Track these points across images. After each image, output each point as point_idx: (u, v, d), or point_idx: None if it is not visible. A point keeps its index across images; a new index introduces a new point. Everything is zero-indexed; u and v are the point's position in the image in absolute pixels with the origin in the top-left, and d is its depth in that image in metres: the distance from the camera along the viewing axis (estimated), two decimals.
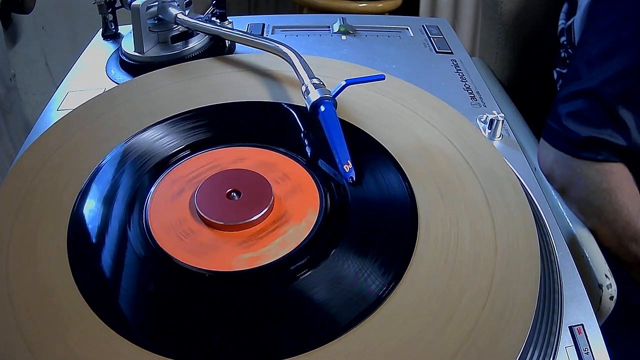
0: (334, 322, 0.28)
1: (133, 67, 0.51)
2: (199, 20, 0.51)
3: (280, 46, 0.45)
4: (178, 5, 0.52)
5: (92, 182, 0.36)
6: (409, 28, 0.64)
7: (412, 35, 0.62)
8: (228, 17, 0.58)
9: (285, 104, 0.43)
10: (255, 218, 0.33)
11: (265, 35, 0.61)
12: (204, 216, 0.33)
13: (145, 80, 0.46)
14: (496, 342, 0.27)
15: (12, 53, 0.73)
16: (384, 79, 0.42)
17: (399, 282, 0.30)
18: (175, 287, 0.30)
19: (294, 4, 1.57)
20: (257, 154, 0.38)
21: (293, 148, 0.39)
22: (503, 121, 0.46)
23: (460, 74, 0.54)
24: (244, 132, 0.40)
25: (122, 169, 0.37)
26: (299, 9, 1.55)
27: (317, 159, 0.38)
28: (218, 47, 0.54)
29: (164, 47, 0.52)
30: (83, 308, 0.28)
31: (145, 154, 0.38)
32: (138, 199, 0.35)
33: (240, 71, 0.47)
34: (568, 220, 0.54)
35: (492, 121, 0.46)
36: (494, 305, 0.28)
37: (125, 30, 0.58)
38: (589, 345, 0.31)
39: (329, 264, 0.31)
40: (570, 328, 0.32)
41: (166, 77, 0.46)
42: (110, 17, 0.58)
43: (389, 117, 0.41)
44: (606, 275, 0.48)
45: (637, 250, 0.52)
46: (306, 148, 0.39)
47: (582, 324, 0.32)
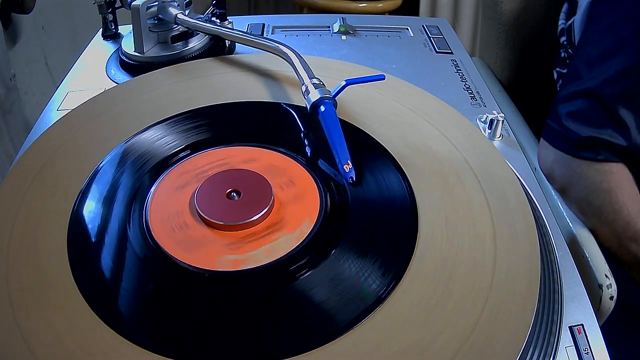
0: (334, 323, 0.28)
1: (133, 67, 0.51)
2: (199, 20, 0.51)
3: (280, 46, 0.45)
4: (178, 5, 0.52)
5: (92, 182, 0.36)
6: (409, 28, 0.64)
7: (412, 35, 0.62)
8: (228, 17, 0.58)
9: (285, 104, 0.43)
10: (254, 219, 0.33)
11: (265, 35, 0.61)
12: (203, 215, 0.33)
13: (145, 80, 0.46)
14: (496, 342, 0.27)
15: (12, 53, 0.73)
16: (384, 79, 0.42)
17: (398, 282, 0.30)
18: (175, 287, 0.30)
19: (294, 4, 1.57)
20: (268, 156, 0.38)
21: (293, 148, 0.39)
22: (503, 121, 0.46)
23: (460, 74, 0.54)
24: (244, 132, 0.40)
25: (122, 169, 0.37)
26: (299, 9, 1.55)
27: (317, 159, 0.38)
28: (218, 47, 0.54)
29: (164, 47, 0.52)
30: (83, 308, 0.28)
31: (145, 154, 0.38)
32: (138, 199, 0.35)
33: (240, 71, 0.47)
34: (568, 220, 0.54)
35: (492, 121, 0.46)
36: (493, 305, 0.28)
37: (125, 30, 0.58)
38: (589, 345, 0.31)
39: (329, 264, 0.31)
40: (570, 328, 0.32)
41: (166, 77, 0.46)
42: (110, 17, 0.58)
43: (389, 117, 0.41)
44: (606, 275, 0.48)
45: (637, 250, 0.52)
46: (306, 148, 0.39)
47: (582, 324, 0.32)
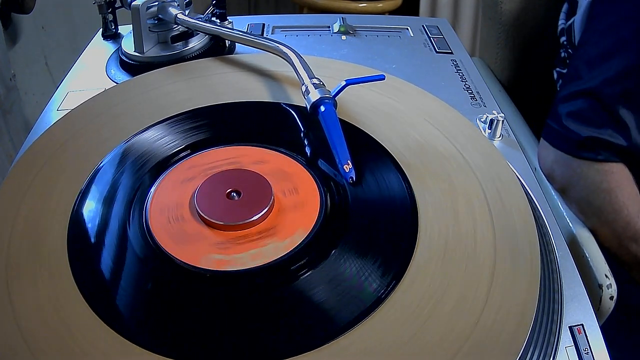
0: (334, 323, 0.28)
1: (133, 67, 0.51)
2: (199, 20, 0.51)
3: (280, 46, 0.45)
4: (178, 5, 0.52)
5: (92, 182, 0.36)
6: (409, 28, 0.64)
7: (412, 35, 0.62)
8: (228, 17, 0.58)
9: (285, 104, 0.43)
10: (253, 219, 0.33)
11: (265, 35, 0.61)
12: (202, 214, 0.33)
13: (145, 80, 0.46)
14: (496, 342, 0.27)
15: (12, 53, 0.73)
16: (384, 79, 0.42)
17: (398, 282, 0.30)
18: (176, 287, 0.30)
19: (294, 4, 1.57)
20: (279, 160, 0.38)
21: (293, 148, 0.39)
22: (503, 121, 0.46)
23: (460, 74, 0.54)
24: (244, 132, 0.40)
25: (122, 169, 0.37)
26: (299, 9, 1.55)
27: (317, 159, 0.38)
28: (218, 47, 0.54)
29: (164, 47, 0.52)
30: (83, 308, 0.28)
31: (145, 154, 0.38)
32: (138, 199, 0.35)
33: (240, 71, 0.47)
34: (568, 220, 0.54)
35: (492, 121, 0.46)
36: (493, 305, 0.28)
37: (125, 30, 0.58)
38: (589, 345, 0.31)
39: (329, 264, 0.31)
40: (570, 328, 0.32)
41: (166, 77, 0.46)
42: (110, 17, 0.58)
43: (389, 117, 0.41)
44: (606, 275, 0.48)
45: (637, 250, 0.52)
46: (306, 148, 0.39)
47: (582, 324, 0.32)
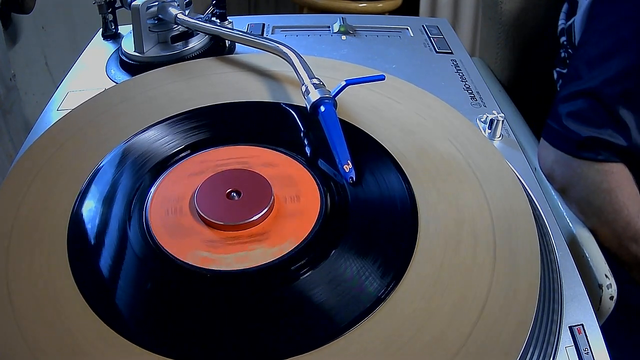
0: (334, 323, 0.28)
1: (133, 67, 0.51)
2: (199, 20, 0.51)
3: (280, 46, 0.45)
4: (178, 5, 0.52)
5: (92, 182, 0.36)
6: (409, 28, 0.64)
7: (412, 35, 0.62)
8: (228, 17, 0.58)
9: (285, 104, 0.43)
10: (251, 220, 0.33)
11: (265, 35, 0.61)
12: (200, 212, 0.33)
13: (145, 80, 0.46)
14: (496, 342, 0.27)
15: (12, 53, 0.73)
16: (384, 79, 0.42)
17: (398, 282, 0.30)
18: (176, 287, 0.30)
19: (294, 4, 1.57)
20: (288, 165, 0.37)
21: (293, 148, 0.39)
22: (503, 121, 0.46)
23: (460, 74, 0.54)
24: (244, 132, 0.40)
25: (122, 169, 0.37)
26: (299, 9, 1.55)
27: (317, 159, 0.38)
28: (218, 47, 0.54)
29: (164, 47, 0.52)
30: (83, 308, 0.28)
31: (145, 154, 0.38)
32: (138, 199, 0.35)
33: (240, 71, 0.47)
34: (568, 220, 0.54)
35: (492, 121, 0.46)
36: (493, 306, 0.28)
37: (125, 30, 0.58)
38: (589, 345, 0.31)
39: (329, 264, 0.31)
40: (570, 328, 0.32)
41: (166, 77, 0.46)
42: (110, 17, 0.58)
43: (389, 117, 0.41)
44: (606, 275, 0.48)
45: (637, 250, 0.52)
46: (306, 148, 0.39)
47: (582, 324, 0.32)
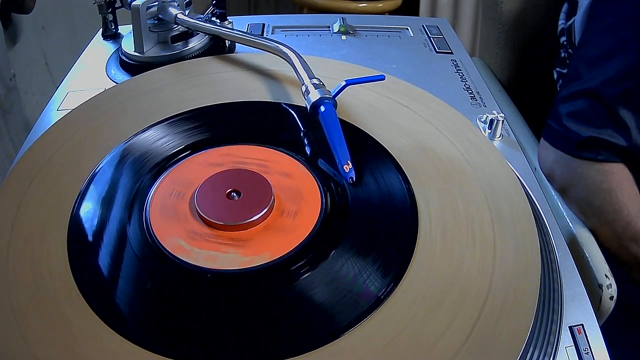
0: (334, 323, 0.28)
1: (133, 67, 0.51)
2: (199, 20, 0.51)
3: (280, 46, 0.45)
4: (178, 5, 0.52)
5: (92, 182, 0.36)
6: (409, 28, 0.64)
7: (412, 35, 0.62)
8: (228, 17, 0.58)
9: (285, 104, 0.43)
10: (252, 219, 0.33)
11: (265, 35, 0.61)
12: (202, 214, 0.33)
13: (145, 79, 0.46)
14: (496, 342, 0.27)
15: (12, 53, 0.73)
16: (384, 79, 0.42)
17: (398, 282, 0.30)
18: (176, 287, 0.30)
19: (294, 4, 1.57)
20: (304, 179, 0.36)
21: (293, 148, 0.39)
22: (503, 121, 0.46)
23: (460, 74, 0.54)
24: (244, 132, 0.40)
25: (122, 169, 0.37)
26: (299, 9, 1.55)
27: (317, 159, 0.38)
28: (218, 47, 0.54)
29: (164, 47, 0.52)
30: (83, 308, 0.28)
31: (145, 154, 0.38)
32: (138, 199, 0.35)
33: (240, 71, 0.47)
34: (568, 220, 0.54)
35: (492, 121, 0.46)
36: (493, 306, 0.28)
37: (125, 30, 0.58)
38: (589, 345, 0.31)
39: (329, 264, 0.31)
40: (570, 328, 0.32)
41: (166, 76, 0.46)
42: (110, 17, 0.58)
43: (389, 117, 0.41)
44: (606, 275, 0.48)
45: (638, 250, 0.52)
46: (306, 148, 0.39)
47: (582, 324, 0.32)
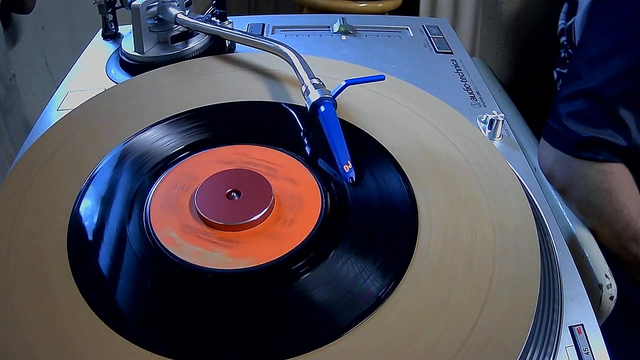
0: (334, 323, 0.28)
1: (133, 67, 0.51)
2: (199, 20, 0.51)
3: (280, 46, 0.45)
4: (178, 5, 0.52)
5: (92, 182, 0.36)
6: (409, 28, 0.64)
7: (412, 35, 0.62)
8: (228, 17, 0.57)
9: (285, 104, 0.43)
10: (246, 221, 0.33)
11: (265, 35, 0.61)
12: (200, 211, 0.33)
13: (145, 80, 0.46)
14: (496, 342, 0.27)
15: (12, 53, 0.73)
16: (384, 79, 0.42)
17: (398, 282, 0.30)
18: (176, 286, 0.30)
19: (294, 4, 1.57)
20: (309, 187, 0.36)
21: (293, 148, 0.39)
22: (503, 121, 0.46)
23: (460, 74, 0.54)
24: (244, 132, 0.40)
25: (122, 169, 0.37)
26: (299, 9, 1.55)
27: (317, 159, 0.38)
28: (218, 47, 0.54)
29: (164, 47, 0.52)
30: (83, 308, 0.28)
31: (145, 154, 0.38)
32: (137, 200, 0.35)
33: (240, 71, 0.47)
34: (568, 220, 0.54)
35: (492, 121, 0.46)
36: (493, 306, 0.28)
37: (125, 30, 0.58)
38: (589, 345, 0.31)
39: (329, 264, 0.31)
40: (570, 328, 0.32)
41: (166, 76, 0.46)
42: (110, 17, 0.58)
43: (389, 117, 0.41)
44: (606, 275, 0.48)
45: (638, 250, 0.52)
46: (306, 148, 0.39)
47: (582, 324, 0.32)
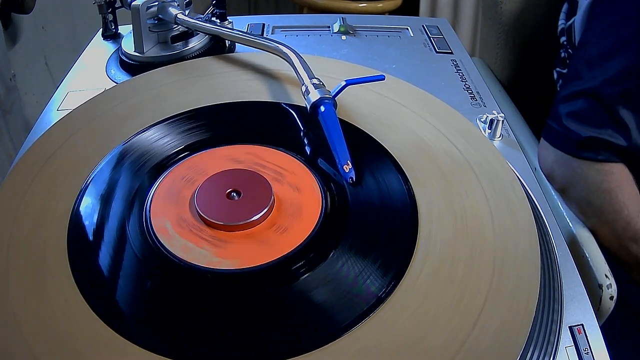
0: (334, 323, 0.28)
1: (133, 67, 0.51)
2: (199, 20, 0.51)
3: (280, 46, 0.45)
4: (178, 5, 0.52)
5: (92, 182, 0.36)
6: (409, 28, 0.64)
7: (412, 35, 0.62)
8: (228, 17, 0.58)
9: (285, 104, 0.43)
10: (240, 223, 0.33)
11: (265, 35, 0.61)
12: (197, 207, 0.33)
13: (145, 80, 0.46)
14: (496, 342, 0.27)
15: (12, 53, 0.73)
16: (384, 79, 0.42)
17: (398, 282, 0.30)
18: (176, 287, 0.30)
19: (294, 4, 1.57)
20: (312, 194, 0.35)
21: (293, 148, 0.39)
22: (503, 121, 0.46)
23: (460, 74, 0.54)
24: (244, 132, 0.40)
25: (122, 169, 0.37)
26: (299, 9, 1.55)
27: (317, 159, 0.38)
28: (218, 47, 0.54)
29: (164, 47, 0.52)
30: (83, 308, 0.28)
31: (145, 154, 0.38)
32: (137, 200, 0.35)
33: (240, 71, 0.47)
34: (568, 220, 0.54)
35: (492, 121, 0.46)
36: (493, 306, 0.28)
37: (125, 30, 0.58)
38: (589, 345, 0.31)
39: (329, 264, 0.31)
40: (570, 328, 0.32)
41: (166, 76, 0.46)
42: (110, 17, 0.58)
43: (389, 117, 0.41)
44: (606, 275, 0.48)
45: (638, 250, 0.52)
46: (306, 148, 0.39)
47: (582, 324, 0.32)
